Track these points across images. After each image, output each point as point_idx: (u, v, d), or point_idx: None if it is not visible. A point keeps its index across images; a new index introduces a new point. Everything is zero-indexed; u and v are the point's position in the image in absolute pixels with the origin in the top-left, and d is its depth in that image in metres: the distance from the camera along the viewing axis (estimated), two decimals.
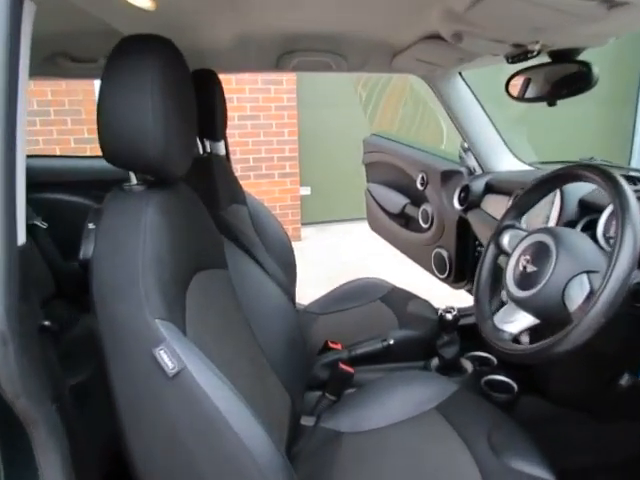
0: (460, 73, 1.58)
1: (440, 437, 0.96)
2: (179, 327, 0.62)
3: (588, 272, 0.78)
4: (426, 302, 1.61)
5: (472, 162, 1.87)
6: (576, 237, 0.85)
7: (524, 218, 1.05)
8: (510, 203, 1.27)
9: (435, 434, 0.97)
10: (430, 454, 0.93)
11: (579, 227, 1.07)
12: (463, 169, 1.87)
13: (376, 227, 2.72)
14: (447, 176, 1.94)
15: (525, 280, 0.86)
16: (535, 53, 1.03)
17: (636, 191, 0.80)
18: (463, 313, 1.90)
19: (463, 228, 1.90)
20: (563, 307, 0.79)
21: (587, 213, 1.07)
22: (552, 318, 0.83)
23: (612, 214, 0.95)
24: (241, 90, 4.32)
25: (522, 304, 0.87)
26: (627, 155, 5.87)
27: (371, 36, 1.19)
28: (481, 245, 1.90)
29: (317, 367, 1.21)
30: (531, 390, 1.32)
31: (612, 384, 1.14)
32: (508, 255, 0.98)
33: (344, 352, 1.25)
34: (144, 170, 0.70)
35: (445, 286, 2.12)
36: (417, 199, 2.19)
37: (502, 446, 0.90)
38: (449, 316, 1.22)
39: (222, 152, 1.76)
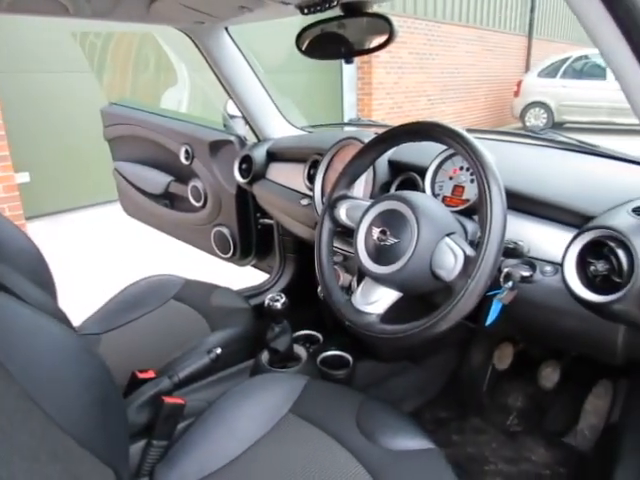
0: (227, 29, 1.40)
1: (307, 442, 0.84)
2: None
3: (449, 234, 0.75)
4: (229, 290, 1.45)
5: (241, 130, 1.74)
6: (426, 199, 0.80)
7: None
8: (337, 170, 1.16)
9: (300, 440, 0.85)
10: (303, 465, 0.81)
11: (393, 187, 1.06)
12: (233, 138, 1.72)
13: (133, 211, 2.37)
14: (216, 147, 1.76)
15: (384, 254, 0.78)
16: (335, 3, 0.93)
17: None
18: (257, 291, 1.80)
19: (242, 202, 1.78)
20: (433, 277, 0.75)
21: (398, 173, 1.06)
22: (420, 289, 0.79)
23: (438, 170, 0.95)
24: None
25: (384, 280, 0.79)
26: (340, 111, 6.72)
27: None
28: (264, 217, 1.81)
29: (131, 412, 0.92)
30: (364, 356, 1.32)
31: None
32: (348, 228, 0.89)
33: (163, 381, 0.98)
34: None
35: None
36: (183, 175, 1.95)
37: (374, 429, 0.84)
38: (278, 305, 1.09)
39: None
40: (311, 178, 1.27)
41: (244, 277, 2.07)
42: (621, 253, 0.67)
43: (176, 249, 2.36)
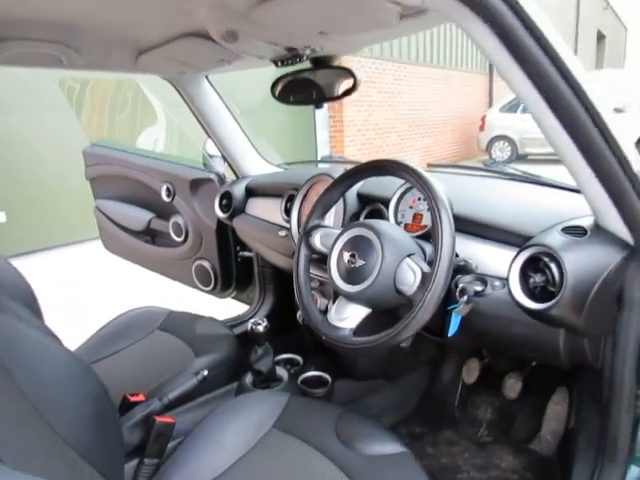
0: (207, 77, 1.53)
1: (291, 454, 0.91)
2: None
3: (409, 255, 0.86)
4: (213, 319, 1.52)
5: (219, 168, 1.85)
6: (389, 226, 0.92)
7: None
8: (312, 202, 1.27)
9: (284, 453, 0.92)
10: (288, 475, 0.88)
11: (362, 217, 1.17)
12: (213, 176, 1.83)
13: (114, 247, 2.43)
14: (197, 184, 1.86)
15: (354, 275, 0.88)
16: (305, 58, 1.06)
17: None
18: (239, 321, 1.87)
19: (222, 236, 1.87)
20: (396, 293, 0.85)
21: (366, 204, 1.18)
22: (386, 304, 0.89)
23: (400, 201, 1.07)
24: None
25: (354, 298, 0.89)
26: (314, 147, 6.93)
27: (114, 31, 1.02)
28: (243, 250, 1.90)
29: (124, 432, 0.98)
30: (341, 376, 1.40)
31: (398, 348, 1.31)
32: (321, 254, 1.00)
33: (154, 402, 1.05)
34: None
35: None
36: (164, 212, 2.04)
37: (352, 438, 0.92)
38: (260, 328, 1.17)
39: None
40: (288, 211, 1.38)
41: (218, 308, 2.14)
42: (553, 266, 0.79)
43: (154, 283, 2.42)
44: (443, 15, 0.66)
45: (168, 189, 1.95)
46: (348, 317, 0.90)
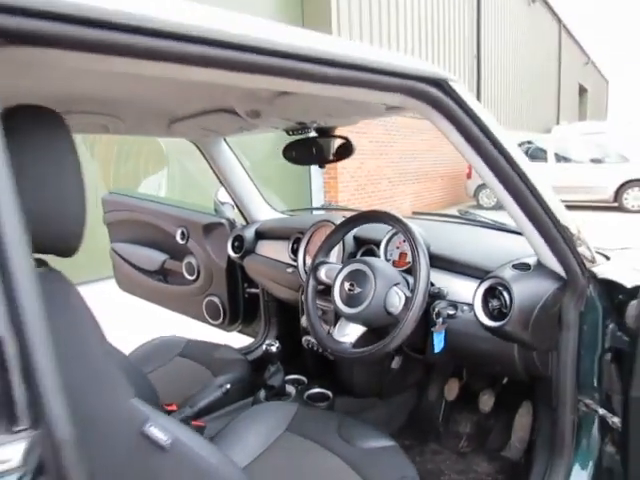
0: (225, 138, 1.80)
1: (301, 451, 1.12)
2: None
3: (396, 284, 1.10)
4: (228, 346, 1.73)
5: (230, 214, 2.10)
6: (380, 262, 1.17)
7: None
8: (316, 244, 1.52)
9: (296, 450, 1.12)
10: (299, 467, 1.08)
11: (358, 255, 1.42)
12: (224, 221, 2.07)
13: (127, 286, 2.64)
14: (209, 228, 2.10)
15: (352, 300, 1.12)
16: (311, 129, 1.34)
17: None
18: (248, 350, 2.08)
19: (232, 274, 2.10)
20: (386, 314, 1.09)
21: (361, 245, 1.43)
22: (378, 323, 1.12)
23: (389, 243, 1.33)
24: None
25: (353, 318, 1.13)
26: (309, 193, 7.26)
27: (156, 105, 1.27)
28: (250, 287, 2.13)
29: None
30: (341, 393, 1.61)
31: (389, 369, 1.53)
32: (327, 285, 1.24)
33: (186, 410, 1.25)
34: None
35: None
36: (177, 253, 2.27)
37: (351, 437, 1.13)
38: (273, 348, 1.39)
39: None
40: (294, 251, 1.63)
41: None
42: (505, 294, 1.04)
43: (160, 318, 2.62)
44: (418, 112, 0.93)
45: (183, 232, 2.18)
46: (348, 334, 1.14)
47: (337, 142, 1.39)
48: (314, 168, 7.26)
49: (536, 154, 9.91)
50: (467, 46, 11.14)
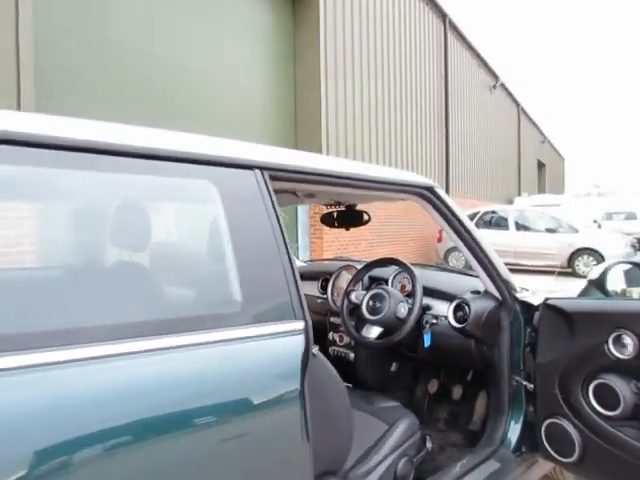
0: None
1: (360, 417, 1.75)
2: None
3: (402, 301, 1.83)
4: None
5: None
6: (391, 288, 1.90)
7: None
8: (339, 281, 2.27)
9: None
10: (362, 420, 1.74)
11: (372, 287, 2.15)
12: None
13: None
14: None
15: (375, 311, 1.84)
16: (341, 205, 2.10)
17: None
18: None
19: None
20: (396, 319, 1.81)
21: (374, 281, 2.16)
22: (390, 325, 1.83)
23: (394, 278, 2.07)
24: None
25: (375, 322, 1.84)
26: (295, 254, 7.98)
27: None
28: None
29: None
30: (356, 386, 2.26)
31: (389, 372, 2.22)
32: (355, 304, 1.96)
33: None
34: None
35: None
36: None
37: (370, 401, 1.79)
38: (314, 351, 2.07)
39: None
40: (324, 287, 2.34)
41: None
42: (466, 308, 1.77)
43: None
44: (416, 203, 1.69)
45: None
46: (372, 332, 1.84)
47: (359, 213, 2.15)
48: (301, 230, 8.07)
49: (499, 222, 11.02)
50: (437, 128, 12.50)
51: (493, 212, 11.43)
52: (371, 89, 9.26)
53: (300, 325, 1.08)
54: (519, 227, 10.75)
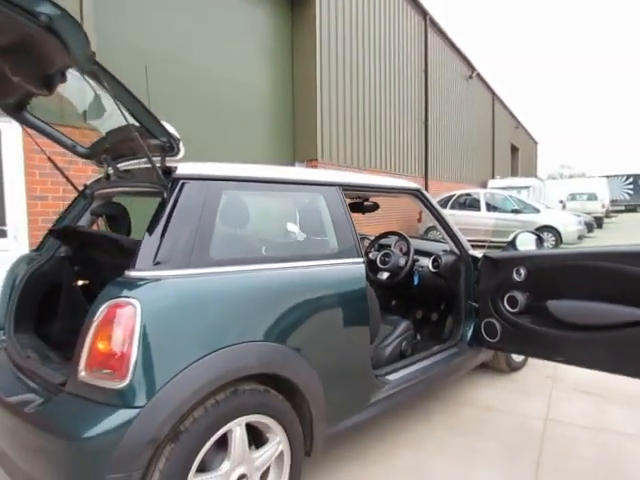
0: None
1: None
2: None
3: (400, 257, 3.08)
4: None
5: None
6: (395, 250, 3.14)
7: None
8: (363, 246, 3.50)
9: None
10: None
11: (382, 250, 3.38)
12: None
13: None
14: None
15: (384, 262, 3.08)
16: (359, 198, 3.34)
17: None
18: None
19: None
20: (398, 267, 3.05)
21: (382, 246, 3.40)
22: (395, 270, 3.07)
23: (396, 244, 3.30)
24: None
25: (385, 270, 3.08)
26: None
27: None
28: None
29: None
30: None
31: (391, 305, 3.50)
32: (371, 260, 3.19)
33: None
34: None
35: None
36: None
37: (383, 317, 3.04)
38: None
39: None
40: None
41: None
42: (439, 260, 3.03)
43: None
44: (410, 199, 2.91)
45: None
46: (384, 275, 3.10)
47: (370, 203, 3.39)
48: None
49: (472, 204, 12.34)
50: (417, 118, 13.68)
51: (467, 194, 12.73)
52: (359, 83, 10.38)
53: (361, 260, 2.30)
54: (489, 208, 12.09)
